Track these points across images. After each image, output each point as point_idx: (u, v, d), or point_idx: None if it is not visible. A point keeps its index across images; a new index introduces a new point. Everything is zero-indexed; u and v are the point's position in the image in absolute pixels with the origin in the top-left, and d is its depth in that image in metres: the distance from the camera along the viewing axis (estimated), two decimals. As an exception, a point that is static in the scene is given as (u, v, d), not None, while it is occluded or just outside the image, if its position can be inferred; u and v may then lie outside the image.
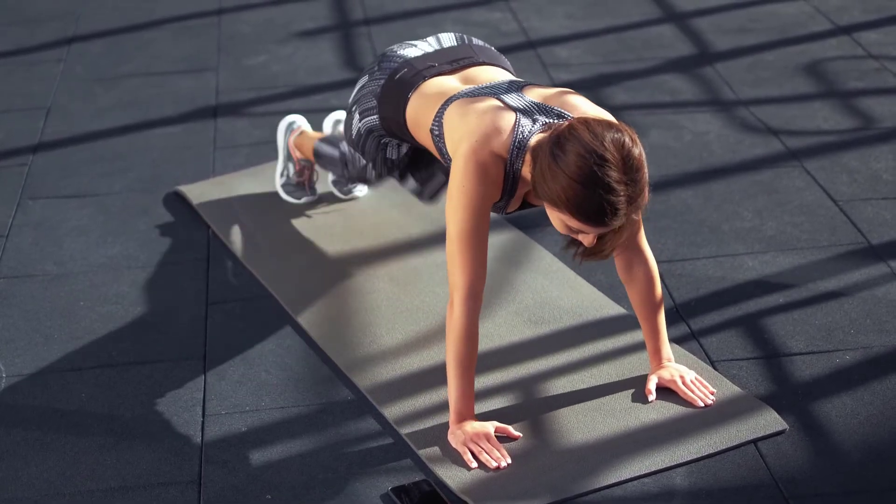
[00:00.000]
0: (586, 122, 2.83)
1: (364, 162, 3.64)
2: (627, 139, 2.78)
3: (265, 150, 4.54)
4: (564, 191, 2.77)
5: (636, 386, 3.25)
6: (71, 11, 5.99)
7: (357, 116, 3.43)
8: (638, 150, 2.80)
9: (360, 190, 4.17)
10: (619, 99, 4.89)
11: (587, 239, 2.89)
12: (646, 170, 2.81)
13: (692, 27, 5.57)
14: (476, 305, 3.03)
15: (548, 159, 2.81)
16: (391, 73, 3.33)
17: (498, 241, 3.89)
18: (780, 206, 4.09)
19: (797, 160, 4.37)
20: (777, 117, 4.69)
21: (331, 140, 3.93)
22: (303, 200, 4.13)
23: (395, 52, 3.40)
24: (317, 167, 4.09)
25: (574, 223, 2.83)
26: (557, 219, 2.88)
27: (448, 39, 3.44)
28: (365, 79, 3.42)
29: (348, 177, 3.82)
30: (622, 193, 2.76)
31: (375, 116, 3.36)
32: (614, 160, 2.75)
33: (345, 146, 3.79)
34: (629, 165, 2.77)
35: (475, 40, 3.46)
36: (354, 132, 3.47)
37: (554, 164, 2.79)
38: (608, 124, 2.82)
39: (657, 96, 4.91)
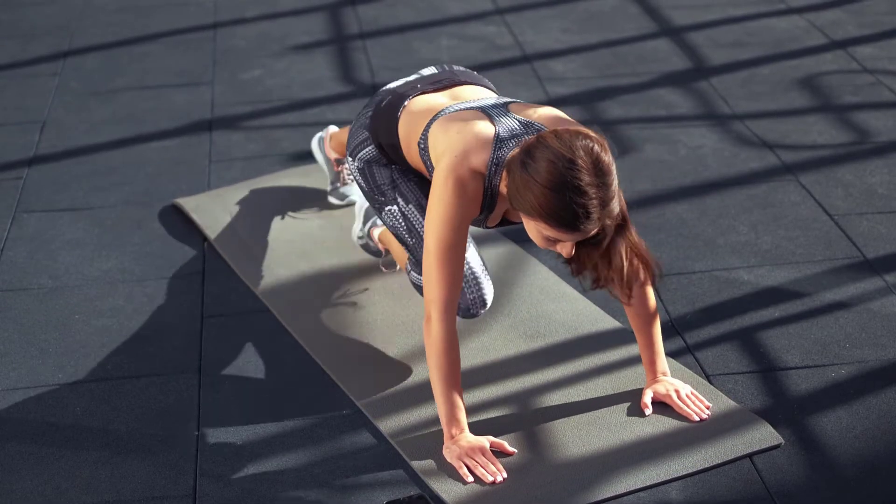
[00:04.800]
0: (555, 131, 2.86)
1: (417, 224, 3.42)
2: (596, 146, 2.81)
3: (260, 164, 4.55)
4: (537, 198, 2.80)
5: (631, 400, 3.25)
6: (66, 25, 5.99)
7: (351, 159, 3.43)
8: (608, 157, 2.82)
9: (352, 196, 4.17)
10: (614, 113, 4.90)
11: (565, 248, 2.90)
12: (615, 176, 2.82)
13: (687, 41, 5.58)
14: (453, 318, 3.05)
15: (519, 170, 2.84)
16: (377, 104, 3.38)
17: (493, 254, 3.89)
18: (776, 220, 4.09)
19: (792, 174, 4.37)
20: (772, 131, 4.69)
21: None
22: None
23: (379, 91, 3.46)
24: (347, 157, 3.88)
25: (550, 231, 2.85)
26: (534, 230, 2.90)
27: (428, 70, 3.49)
28: (353, 123, 3.47)
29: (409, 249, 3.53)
30: (594, 196, 2.78)
31: (371, 147, 3.37)
32: (584, 164, 2.78)
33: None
34: (599, 169, 2.79)
35: (456, 67, 3.49)
36: (360, 178, 3.44)
37: (525, 173, 2.82)
38: (576, 132, 2.85)
39: (652, 110, 4.92)
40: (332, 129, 4.19)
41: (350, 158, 3.45)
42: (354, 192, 4.15)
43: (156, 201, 4.34)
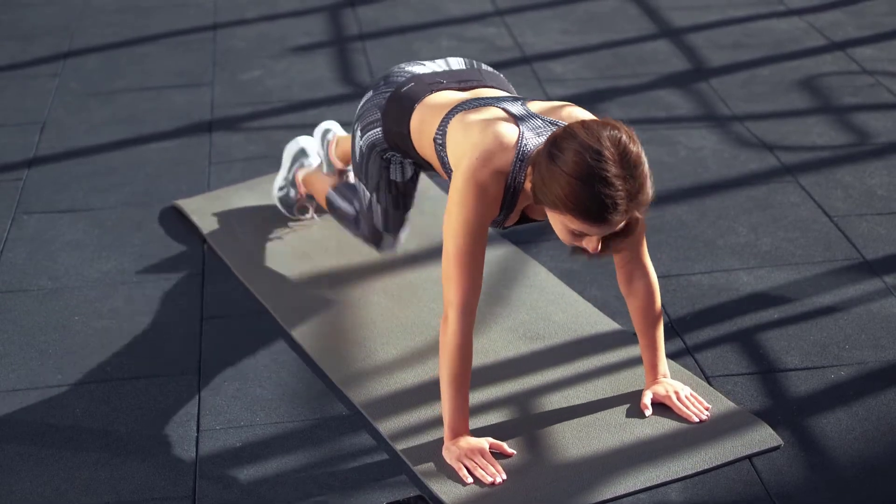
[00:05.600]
0: (582, 122, 2.82)
1: (375, 216, 3.58)
2: (624, 136, 2.76)
3: (260, 165, 4.54)
4: (563, 189, 2.76)
5: (631, 401, 3.25)
6: (66, 26, 5.99)
7: (359, 133, 3.43)
8: (636, 148, 2.77)
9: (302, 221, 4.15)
10: (614, 114, 4.89)
11: (591, 243, 2.86)
12: (646, 167, 2.78)
13: (687, 43, 5.58)
14: (470, 321, 3.03)
15: (546, 162, 2.80)
16: (398, 87, 3.33)
17: (493, 256, 3.89)
18: (775, 221, 4.09)
19: (792, 175, 4.37)
20: (772, 133, 4.70)
21: (344, 192, 3.84)
22: (293, 217, 4.13)
23: (403, 68, 3.41)
24: (331, 215, 4.05)
25: (576, 224, 2.81)
26: (560, 223, 2.86)
27: (457, 63, 3.44)
28: (370, 94, 3.42)
29: (361, 236, 3.73)
30: (621, 188, 2.74)
31: (378, 129, 3.36)
32: (611, 155, 2.73)
33: (357, 203, 3.73)
34: (627, 161, 2.75)
35: (484, 66, 3.45)
36: (357, 152, 3.47)
37: (552, 164, 2.78)
38: (604, 123, 2.80)
39: (652, 112, 4.92)
40: (338, 131, 4.12)
41: (360, 134, 3.44)
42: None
43: (156, 202, 4.34)
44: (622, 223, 2.82)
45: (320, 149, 4.12)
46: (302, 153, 4.12)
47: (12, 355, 3.56)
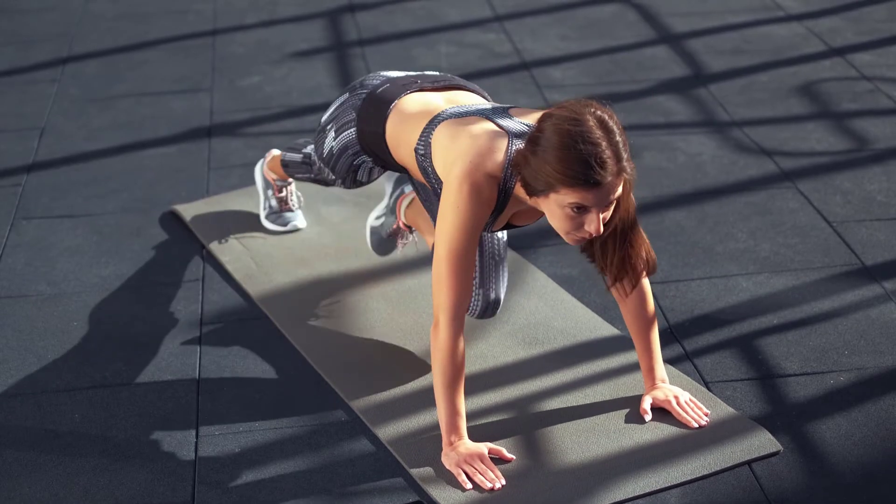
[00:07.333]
0: (559, 105, 2.92)
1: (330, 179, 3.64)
2: (601, 112, 2.87)
3: (259, 171, 4.55)
4: (552, 165, 2.82)
5: (630, 406, 3.25)
6: (65, 32, 5.99)
7: (332, 134, 3.42)
8: (614, 121, 2.88)
9: (296, 222, 4.15)
10: (612, 120, 4.89)
11: (593, 223, 2.89)
12: (625, 137, 2.88)
13: (686, 49, 5.58)
14: (461, 325, 3.04)
15: (530, 152, 2.88)
16: (373, 89, 3.35)
17: (492, 261, 3.89)
18: (774, 227, 4.09)
19: (791, 181, 4.38)
20: (771, 138, 4.70)
21: (293, 146, 3.90)
22: (289, 226, 4.11)
23: (378, 73, 3.45)
24: (290, 180, 4.08)
25: (570, 196, 2.84)
26: (557, 209, 2.89)
27: (430, 72, 3.48)
28: (345, 96, 3.42)
29: (314, 178, 3.79)
30: (605, 147, 2.82)
31: (353, 130, 3.36)
32: (592, 121, 2.84)
33: (308, 148, 3.79)
34: (606, 127, 2.85)
35: (457, 77, 3.49)
36: (326, 151, 3.46)
37: (536, 149, 2.86)
38: (582, 103, 2.90)
39: (651, 117, 4.92)
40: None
41: (333, 134, 3.44)
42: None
43: (154, 208, 4.34)
44: (615, 191, 2.87)
45: (258, 175, 4.18)
46: (262, 160, 4.18)
47: (11, 361, 3.55)
